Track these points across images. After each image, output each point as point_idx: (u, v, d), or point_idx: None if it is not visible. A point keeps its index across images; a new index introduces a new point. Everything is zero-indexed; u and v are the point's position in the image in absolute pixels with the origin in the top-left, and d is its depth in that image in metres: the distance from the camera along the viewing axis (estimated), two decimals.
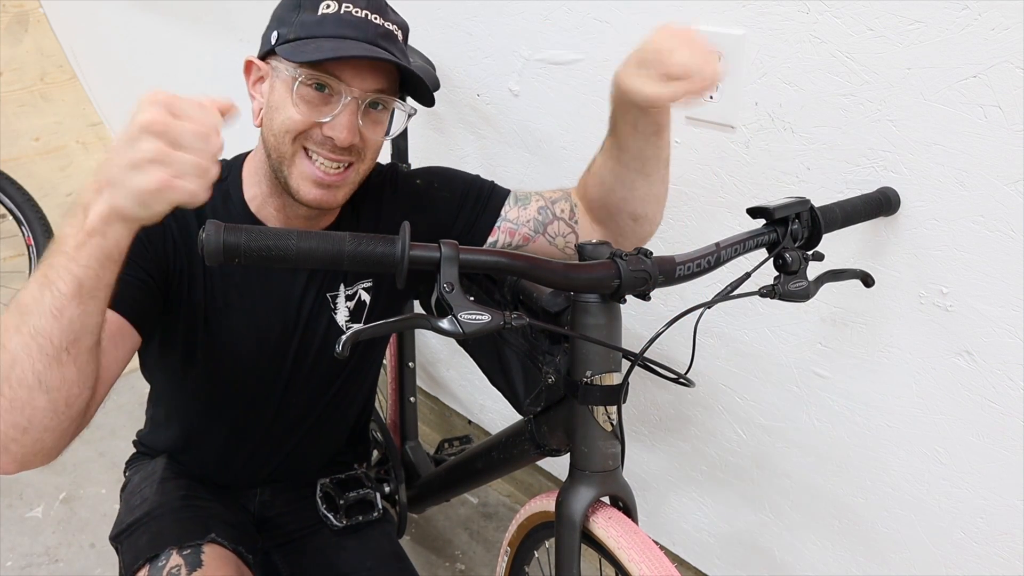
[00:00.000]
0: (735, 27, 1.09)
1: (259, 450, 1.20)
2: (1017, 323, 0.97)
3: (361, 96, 0.92)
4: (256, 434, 1.17)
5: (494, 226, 1.13)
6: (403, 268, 0.71)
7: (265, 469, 1.23)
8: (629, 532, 0.90)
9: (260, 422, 1.16)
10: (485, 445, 1.22)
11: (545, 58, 1.37)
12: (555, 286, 0.83)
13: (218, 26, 2.19)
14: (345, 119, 0.92)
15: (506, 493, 1.96)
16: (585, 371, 0.89)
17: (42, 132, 2.95)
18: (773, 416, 1.28)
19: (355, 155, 0.96)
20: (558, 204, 1.12)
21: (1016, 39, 0.86)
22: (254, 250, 0.68)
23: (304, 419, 1.19)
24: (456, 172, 1.17)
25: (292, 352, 1.10)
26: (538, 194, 1.13)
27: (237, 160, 1.07)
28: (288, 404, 1.15)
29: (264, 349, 1.08)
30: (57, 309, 0.71)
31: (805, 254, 0.91)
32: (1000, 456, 1.03)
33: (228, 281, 1.04)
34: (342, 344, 0.71)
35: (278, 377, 1.12)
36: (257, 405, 1.14)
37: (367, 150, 0.97)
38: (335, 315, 1.11)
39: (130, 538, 1.10)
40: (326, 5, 0.92)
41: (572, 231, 1.13)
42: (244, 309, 1.05)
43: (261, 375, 1.11)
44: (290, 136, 0.94)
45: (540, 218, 1.12)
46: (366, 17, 0.93)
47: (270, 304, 1.07)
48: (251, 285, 1.05)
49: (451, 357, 1.94)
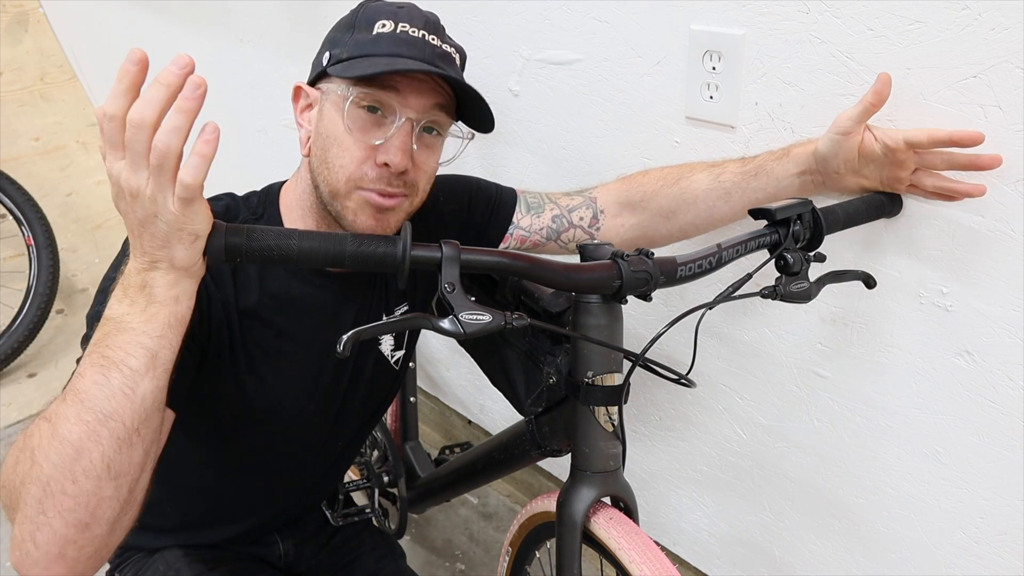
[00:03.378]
0: (735, 27, 1.09)
1: (294, 498, 1.16)
2: (1017, 323, 0.97)
3: (416, 117, 0.87)
4: (295, 482, 1.13)
5: (507, 232, 1.12)
6: (404, 268, 0.72)
7: (293, 513, 1.19)
8: (630, 533, 0.90)
9: (302, 470, 1.11)
10: (486, 446, 1.23)
11: (545, 58, 1.37)
12: (557, 287, 0.83)
13: (218, 26, 2.19)
14: (399, 141, 0.86)
15: (506, 493, 1.96)
16: (586, 371, 0.89)
17: (42, 132, 2.95)
18: (773, 416, 1.28)
19: (408, 188, 0.89)
20: (576, 212, 1.11)
21: (1016, 39, 0.86)
22: (256, 250, 0.68)
23: (344, 452, 1.16)
24: (459, 179, 1.13)
25: (342, 393, 1.05)
26: (552, 201, 1.12)
27: (271, 192, 1.00)
28: (331, 444, 1.11)
29: (313, 399, 1.02)
30: (129, 388, 0.68)
31: (807, 255, 0.91)
32: (1000, 456, 1.03)
33: (267, 333, 0.96)
34: (342, 344, 0.70)
35: (325, 421, 1.06)
36: (301, 455, 1.09)
37: (419, 180, 0.91)
38: (380, 347, 1.08)
39: None
40: (381, 24, 0.88)
41: (591, 238, 1.12)
42: (287, 352, 0.98)
43: (308, 426, 1.05)
44: (344, 174, 0.88)
45: (554, 226, 1.12)
46: (423, 37, 0.89)
47: (316, 347, 1.00)
48: (294, 334, 0.98)
49: (451, 357, 1.94)
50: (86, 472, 0.67)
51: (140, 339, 0.68)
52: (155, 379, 0.69)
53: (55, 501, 0.67)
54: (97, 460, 0.67)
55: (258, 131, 2.16)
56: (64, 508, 0.67)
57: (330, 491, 1.26)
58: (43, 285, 2.38)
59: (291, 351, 0.98)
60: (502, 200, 1.12)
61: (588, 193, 1.12)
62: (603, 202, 1.11)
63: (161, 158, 0.62)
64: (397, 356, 1.11)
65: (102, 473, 0.68)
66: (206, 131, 0.62)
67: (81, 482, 0.67)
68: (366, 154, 0.87)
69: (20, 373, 2.36)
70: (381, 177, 0.87)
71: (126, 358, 0.68)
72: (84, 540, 0.69)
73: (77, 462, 0.67)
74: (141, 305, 0.68)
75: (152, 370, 0.69)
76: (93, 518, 0.69)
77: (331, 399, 1.05)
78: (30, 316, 2.35)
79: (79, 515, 0.68)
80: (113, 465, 0.68)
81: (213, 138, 0.63)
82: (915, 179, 0.95)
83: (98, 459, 0.67)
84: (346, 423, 1.10)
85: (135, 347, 0.68)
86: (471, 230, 1.11)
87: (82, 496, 0.67)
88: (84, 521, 0.68)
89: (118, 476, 0.69)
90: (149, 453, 0.73)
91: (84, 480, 0.67)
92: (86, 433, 0.67)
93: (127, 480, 0.70)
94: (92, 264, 2.72)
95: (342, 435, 1.12)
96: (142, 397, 0.69)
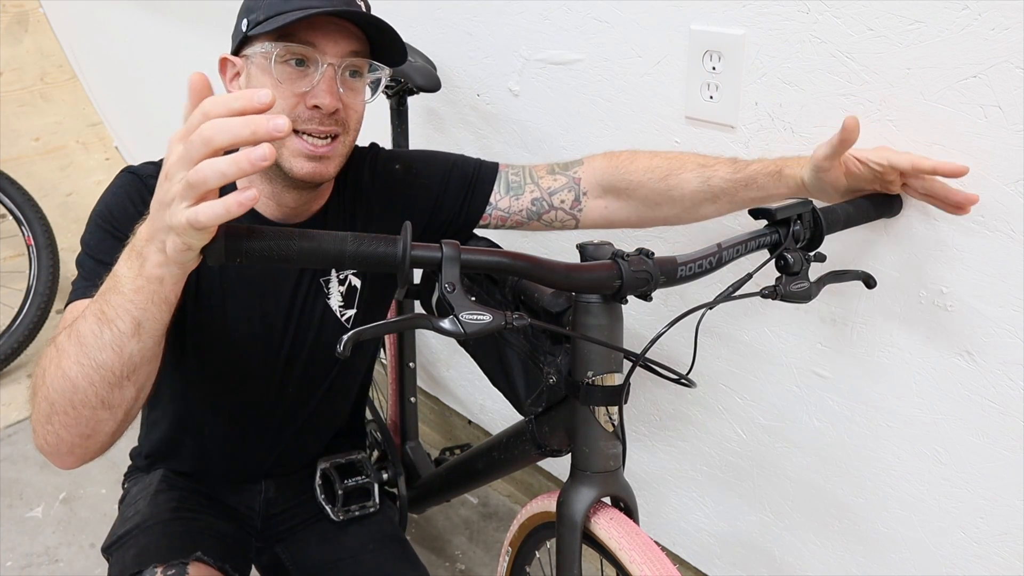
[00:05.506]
0: (735, 27, 1.09)
1: (261, 439, 1.19)
2: (1017, 323, 0.97)
3: (337, 62, 0.93)
4: (256, 422, 1.17)
5: (484, 213, 1.13)
6: (405, 268, 0.71)
7: (269, 458, 1.22)
8: (630, 533, 0.90)
9: (260, 409, 1.16)
10: (486, 445, 1.22)
11: (545, 58, 1.37)
12: (557, 287, 0.83)
13: (218, 26, 2.20)
14: (325, 84, 0.93)
15: (506, 493, 1.96)
16: (587, 371, 0.89)
17: (42, 132, 2.95)
18: (773, 416, 1.28)
19: (340, 125, 0.96)
20: (557, 195, 1.11)
21: (1016, 39, 0.86)
22: (256, 250, 0.68)
23: (304, 404, 1.18)
24: (437, 155, 1.16)
25: (289, 338, 1.10)
26: (533, 182, 1.12)
27: None
28: (287, 390, 1.15)
29: (260, 335, 1.08)
30: (118, 346, 0.75)
31: (807, 255, 0.91)
32: (1000, 456, 1.03)
33: (222, 267, 1.03)
34: (343, 344, 0.70)
35: (275, 363, 1.11)
36: (255, 392, 1.13)
37: (350, 120, 0.98)
38: (328, 300, 1.11)
39: (119, 551, 1.10)
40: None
41: (573, 218, 1.13)
42: (239, 294, 1.05)
43: (258, 362, 1.10)
44: None
45: (534, 208, 1.12)
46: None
47: (265, 289, 1.07)
48: (246, 270, 1.05)
49: (451, 357, 1.94)
50: (83, 403, 0.77)
51: (127, 306, 0.73)
52: (140, 342, 0.75)
53: (59, 417, 0.79)
54: (91, 396, 0.77)
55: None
56: (67, 423, 0.79)
57: (305, 454, 1.27)
58: (43, 285, 2.39)
59: (243, 285, 1.05)
60: (480, 179, 1.13)
61: (572, 172, 1.12)
62: (586, 183, 1.11)
63: (196, 183, 0.63)
64: (348, 315, 1.13)
65: (97, 405, 0.78)
66: (245, 195, 0.62)
67: (79, 409, 0.78)
68: (297, 100, 0.94)
69: (20, 373, 2.36)
70: (313, 117, 0.94)
71: (116, 319, 0.74)
72: (88, 444, 0.82)
73: (75, 394, 0.77)
74: (135, 271, 0.72)
75: (137, 335, 0.74)
76: (93, 431, 0.81)
77: (280, 335, 1.09)
78: (30, 316, 2.35)
79: (80, 430, 0.80)
80: (107, 400, 0.78)
81: (247, 201, 0.62)
82: (905, 189, 0.97)
83: (92, 395, 0.77)
84: (297, 367, 1.13)
85: (123, 312, 0.73)
86: (446, 208, 1.13)
87: (81, 418, 0.79)
88: (85, 434, 0.80)
89: (112, 407, 0.79)
90: (143, 388, 0.81)
91: (81, 408, 0.78)
92: (82, 374, 0.76)
93: (122, 408, 0.80)
94: None
95: (295, 380, 1.14)
96: (130, 355, 0.76)
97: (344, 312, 1.12)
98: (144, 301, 0.72)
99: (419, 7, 1.55)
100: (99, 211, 0.98)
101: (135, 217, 0.83)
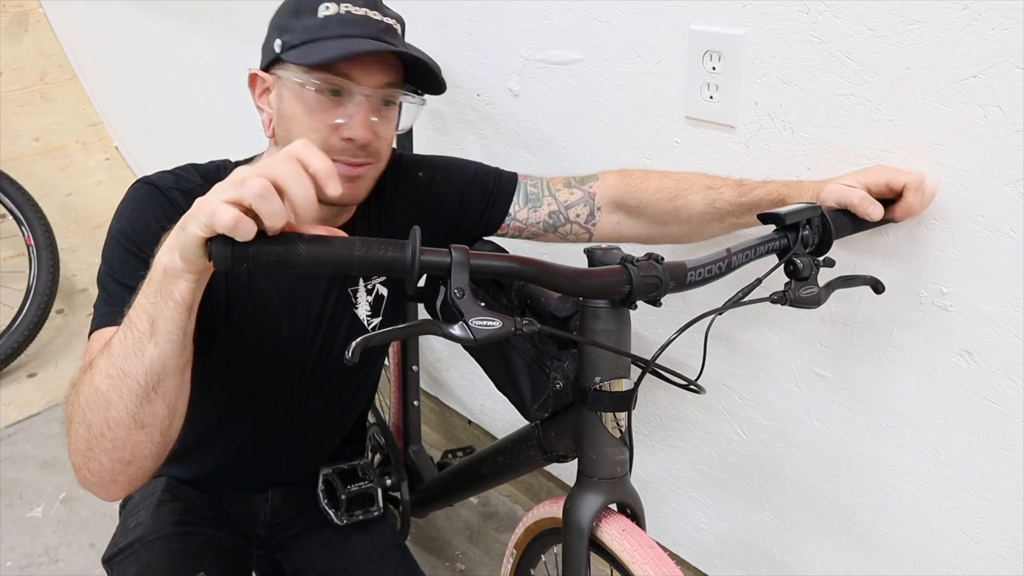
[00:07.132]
0: (735, 27, 1.09)
1: (276, 448, 1.18)
2: (1017, 323, 0.97)
3: (372, 94, 0.93)
4: (275, 431, 1.16)
5: (503, 223, 1.15)
6: (414, 274, 0.70)
7: (281, 467, 1.21)
8: (638, 540, 0.89)
9: (282, 419, 1.15)
10: (490, 450, 1.21)
11: (545, 58, 1.37)
12: (566, 292, 0.82)
13: (218, 26, 2.20)
14: (360, 118, 0.92)
15: (507, 494, 1.96)
16: (594, 377, 0.88)
17: (42, 132, 2.95)
18: (773, 416, 1.28)
19: (372, 156, 0.96)
20: (573, 209, 1.13)
21: (1016, 39, 0.86)
22: (263, 255, 0.67)
23: (324, 413, 1.18)
24: (458, 163, 1.17)
25: (316, 348, 1.09)
26: (550, 194, 1.14)
27: (225, 167, 1.06)
28: (309, 399, 1.14)
29: (289, 347, 1.07)
30: (139, 349, 0.73)
31: (816, 260, 0.90)
32: (1000, 456, 1.03)
33: (251, 276, 1.03)
34: (351, 351, 0.69)
35: (301, 373, 1.11)
36: (280, 402, 1.13)
37: (381, 148, 0.97)
38: (356, 310, 1.11)
39: (120, 565, 1.08)
40: (325, 7, 0.92)
41: (587, 232, 1.15)
42: (270, 307, 1.04)
43: (285, 373, 1.09)
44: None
45: (551, 221, 1.14)
46: (366, 14, 0.93)
47: (294, 300, 1.06)
48: (275, 279, 1.04)
49: (451, 358, 1.94)
50: (117, 421, 0.76)
51: (141, 301, 0.73)
52: (158, 346, 0.73)
53: (97, 442, 0.77)
54: (123, 412, 0.75)
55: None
56: (105, 449, 0.77)
57: (314, 462, 1.27)
58: (43, 285, 2.38)
59: (271, 294, 1.04)
60: (500, 189, 1.14)
61: (588, 187, 1.13)
62: (600, 198, 1.13)
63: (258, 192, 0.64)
64: (374, 323, 1.13)
65: (130, 423, 0.76)
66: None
67: (114, 429, 0.76)
68: (330, 130, 0.93)
69: (20, 373, 2.36)
70: (347, 149, 0.93)
71: (136, 320, 0.73)
72: (130, 471, 0.80)
73: (108, 412, 0.75)
74: (157, 269, 0.71)
75: (153, 336, 0.72)
76: (133, 456, 0.78)
77: (307, 345, 1.09)
78: (30, 316, 2.35)
79: (120, 455, 0.78)
80: (138, 417, 0.76)
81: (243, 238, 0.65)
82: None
83: (123, 411, 0.75)
84: (322, 378, 1.12)
85: (140, 310, 0.73)
86: (468, 217, 1.14)
87: (118, 440, 0.76)
88: (125, 459, 0.78)
89: (145, 426, 0.77)
90: (174, 407, 0.79)
91: (116, 428, 0.76)
92: (111, 386, 0.75)
93: (156, 428, 0.78)
94: (92, 264, 2.71)
95: (319, 391, 1.14)
96: (150, 360, 0.73)
97: (371, 321, 1.12)
98: (153, 294, 0.71)
99: (419, 7, 1.55)
100: (121, 228, 0.94)
101: (158, 234, 0.81)
